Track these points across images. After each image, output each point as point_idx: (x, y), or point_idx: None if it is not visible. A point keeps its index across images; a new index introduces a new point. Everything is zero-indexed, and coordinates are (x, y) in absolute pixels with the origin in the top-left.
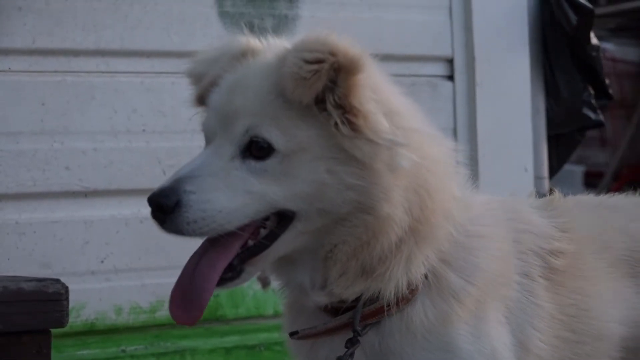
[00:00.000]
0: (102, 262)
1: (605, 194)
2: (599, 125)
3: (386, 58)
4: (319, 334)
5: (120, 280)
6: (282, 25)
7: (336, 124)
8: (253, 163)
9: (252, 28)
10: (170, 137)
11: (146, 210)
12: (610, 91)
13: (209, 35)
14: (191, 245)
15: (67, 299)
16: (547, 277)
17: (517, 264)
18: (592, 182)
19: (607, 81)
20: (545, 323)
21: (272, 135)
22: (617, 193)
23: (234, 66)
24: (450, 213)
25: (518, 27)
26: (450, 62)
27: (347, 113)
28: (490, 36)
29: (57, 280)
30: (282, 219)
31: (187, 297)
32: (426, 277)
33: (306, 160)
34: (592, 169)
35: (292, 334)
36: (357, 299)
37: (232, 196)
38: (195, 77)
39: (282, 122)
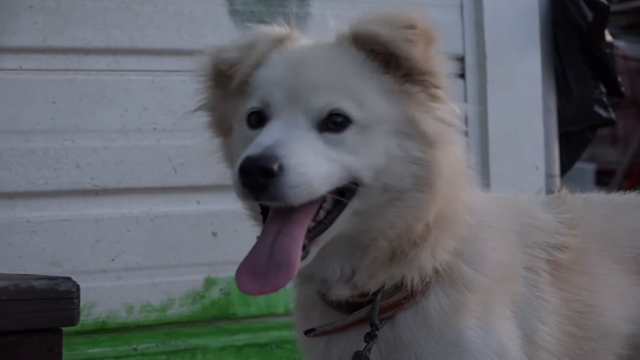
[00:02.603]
0: (113, 260)
1: (617, 191)
2: (610, 123)
3: None
4: (337, 330)
5: (131, 279)
6: (292, 23)
7: (420, 92)
8: (330, 135)
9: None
10: (181, 135)
11: (157, 208)
12: (622, 89)
13: (220, 34)
14: (201, 243)
15: (78, 297)
16: (552, 271)
17: (523, 257)
18: (604, 180)
19: (619, 79)
20: (551, 317)
21: (350, 108)
22: (628, 191)
23: (276, 48)
24: (470, 206)
25: (529, 25)
26: (461, 60)
27: (419, 84)
28: (502, 34)
29: (68, 279)
30: (339, 200)
31: (265, 269)
32: (441, 268)
33: (380, 133)
34: (603, 167)
35: (308, 332)
36: (375, 293)
37: (320, 163)
38: (227, 63)
39: (359, 96)
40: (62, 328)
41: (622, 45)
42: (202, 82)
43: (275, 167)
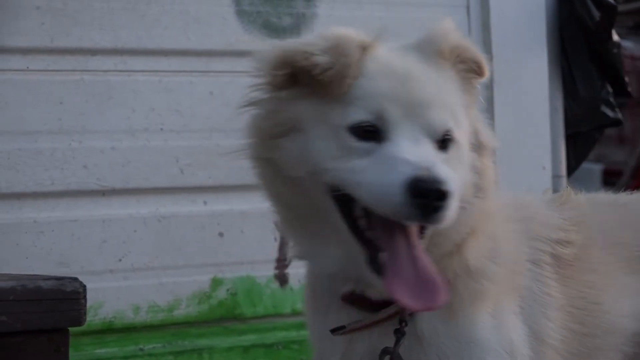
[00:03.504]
0: (120, 260)
1: (624, 191)
2: (617, 123)
3: None
4: (364, 328)
5: (138, 279)
6: (299, 24)
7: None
8: (441, 154)
9: (269, 27)
10: (188, 136)
11: (164, 209)
12: (629, 89)
13: (226, 35)
14: (207, 244)
15: (85, 297)
16: (555, 267)
17: (527, 250)
18: (611, 180)
19: (626, 79)
20: (556, 314)
21: (454, 127)
22: (635, 191)
23: (365, 56)
24: (494, 210)
25: (536, 25)
26: None
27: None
28: (508, 35)
29: (75, 279)
30: None
31: (421, 286)
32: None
33: (466, 149)
34: (610, 167)
35: (336, 330)
36: None
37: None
38: (320, 69)
39: (456, 113)
40: (69, 328)
41: (630, 46)
42: (264, 79)
43: (450, 189)
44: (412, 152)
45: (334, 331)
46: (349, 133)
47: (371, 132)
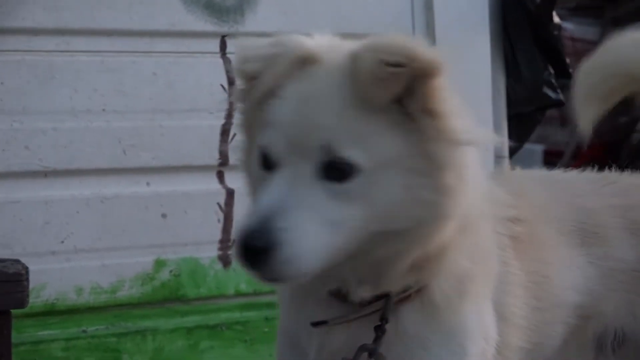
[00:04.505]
0: (63, 242)
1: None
2: (559, 104)
3: (346, 37)
4: (349, 322)
5: (80, 261)
6: (242, 4)
7: (423, 129)
8: (334, 186)
9: (212, 7)
10: (131, 116)
11: (107, 190)
12: (571, 70)
13: (170, 15)
14: (150, 225)
15: (27, 279)
16: (513, 246)
17: (494, 237)
18: (552, 160)
19: (567, 60)
20: (518, 290)
21: (354, 153)
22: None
23: (291, 73)
24: (480, 206)
25: (479, 6)
26: None
27: (431, 117)
28: (451, 16)
29: (17, 261)
30: None
31: None
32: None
33: (387, 176)
34: (552, 148)
35: (318, 324)
36: None
37: (319, 229)
38: (248, 75)
39: (364, 137)
40: (12, 310)
41: (571, 27)
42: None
43: (264, 245)
44: (271, 193)
45: (316, 325)
46: (259, 158)
47: (268, 162)
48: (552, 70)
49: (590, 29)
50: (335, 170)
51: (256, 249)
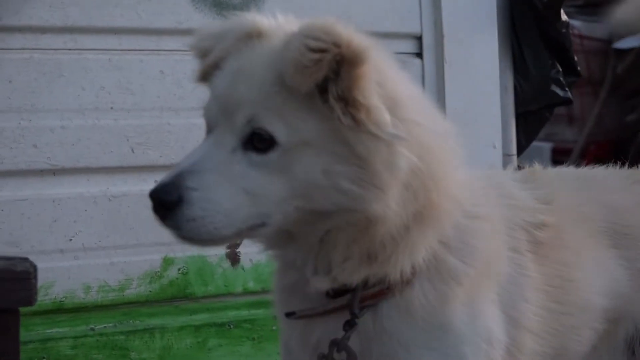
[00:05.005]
0: (71, 240)
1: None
2: (567, 102)
3: None
4: (317, 315)
5: (88, 259)
6: (250, 1)
7: (339, 117)
8: (254, 156)
9: (220, 5)
10: (138, 114)
11: (115, 188)
12: (579, 68)
13: (177, 12)
14: (156, 223)
15: (35, 277)
16: (533, 250)
17: (507, 240)
18: (560, 158)
19: (575, 58)
20: (534, 294)
21: (275, 127)
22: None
23: (238, 48)
24: (456, 198)
25: (486, 4)
26: (419, 39)
27: (349, 106)
28: (459, 13)
29: (26, 259)
30: None
31: None
32: (426, 260)
33: (306, 156)
34: (559, 146)
35: (289, 315)
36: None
37: (232, 194)
38: (201, 52)
39: (286, 114)
40: (20, 308)
41: (578, 25)
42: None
43: (173, 199)
44: (193, 154)
45: (287, 315)
46: (206, 132)
47: (208, 127)
48: (560, 68)
49: (598, 27)
50: (257, 142)
51: (162, 201)
